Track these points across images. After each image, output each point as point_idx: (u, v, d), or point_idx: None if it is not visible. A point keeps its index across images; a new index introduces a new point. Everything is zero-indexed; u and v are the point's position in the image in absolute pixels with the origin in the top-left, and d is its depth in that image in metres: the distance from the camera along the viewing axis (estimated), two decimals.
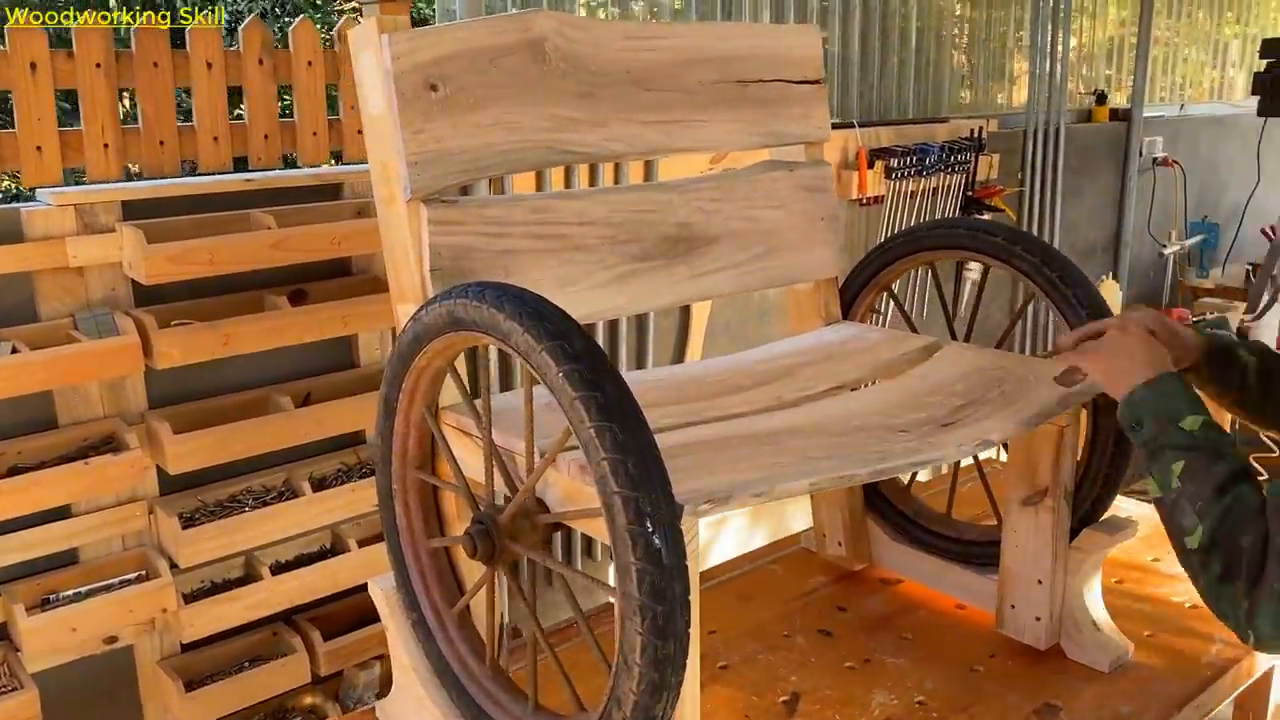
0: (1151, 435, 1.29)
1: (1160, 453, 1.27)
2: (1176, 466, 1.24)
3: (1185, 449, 1.24)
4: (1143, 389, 1.32)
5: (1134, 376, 1.34)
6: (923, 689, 1.68)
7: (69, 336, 2.04)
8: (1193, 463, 1.23)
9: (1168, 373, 1.32)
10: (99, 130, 2.09)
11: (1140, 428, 1.31)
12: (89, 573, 2.16)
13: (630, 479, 1.06)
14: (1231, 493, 1.19)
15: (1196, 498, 1.21)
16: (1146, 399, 1.31)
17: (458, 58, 1.46)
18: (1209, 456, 1.23)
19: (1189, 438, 1.25)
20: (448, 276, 1.45)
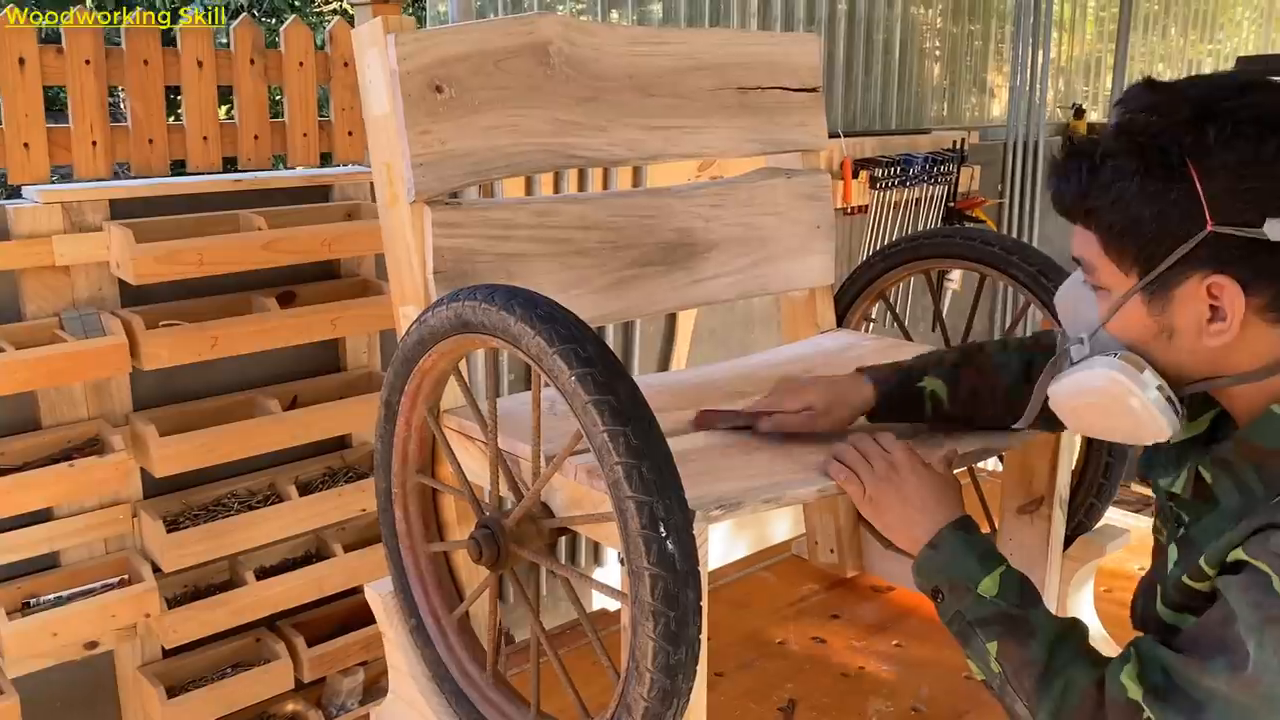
0: (954, 611, 1.12)
1: (969, 634, 1.10)
2: (991, 648, 1.08)
3: (992, 624, 1.08)
4: (927, 552, 1.15)
5: (910, 532, 1.18)
6: (917, 696, 1.68)
7: (54, 336, 2.01)
8: (1005, 644, 1.07)
9: (949, 524, 1.16)
10: (87, 128, 2.07)
11: (940, 599, 1.14)
12: (70, 577, 2.13)
13: (644, 484, 1.06)
14: (1059, 681, 1.03)
15: (1020, 689, 1.05)
16: (935, 562, 1.15)
17: (463, 59, 1.45)
18: (1019, 634, 1.06)
19: (992, 607, 1.09)
20: (450, 279, 1.44)
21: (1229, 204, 0.94)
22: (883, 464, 1.22)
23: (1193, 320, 0.99)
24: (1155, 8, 5.34)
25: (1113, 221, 1.00)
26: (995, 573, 1.12)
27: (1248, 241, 0.94)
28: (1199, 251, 0.96)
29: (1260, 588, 0.91)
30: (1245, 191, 0.94)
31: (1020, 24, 4.25)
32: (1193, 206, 0.95)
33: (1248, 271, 0.95)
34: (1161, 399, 1.02)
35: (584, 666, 1.67)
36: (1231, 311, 0.97)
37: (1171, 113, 0.96)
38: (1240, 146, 0.93)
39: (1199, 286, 0.98)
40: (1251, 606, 0.91)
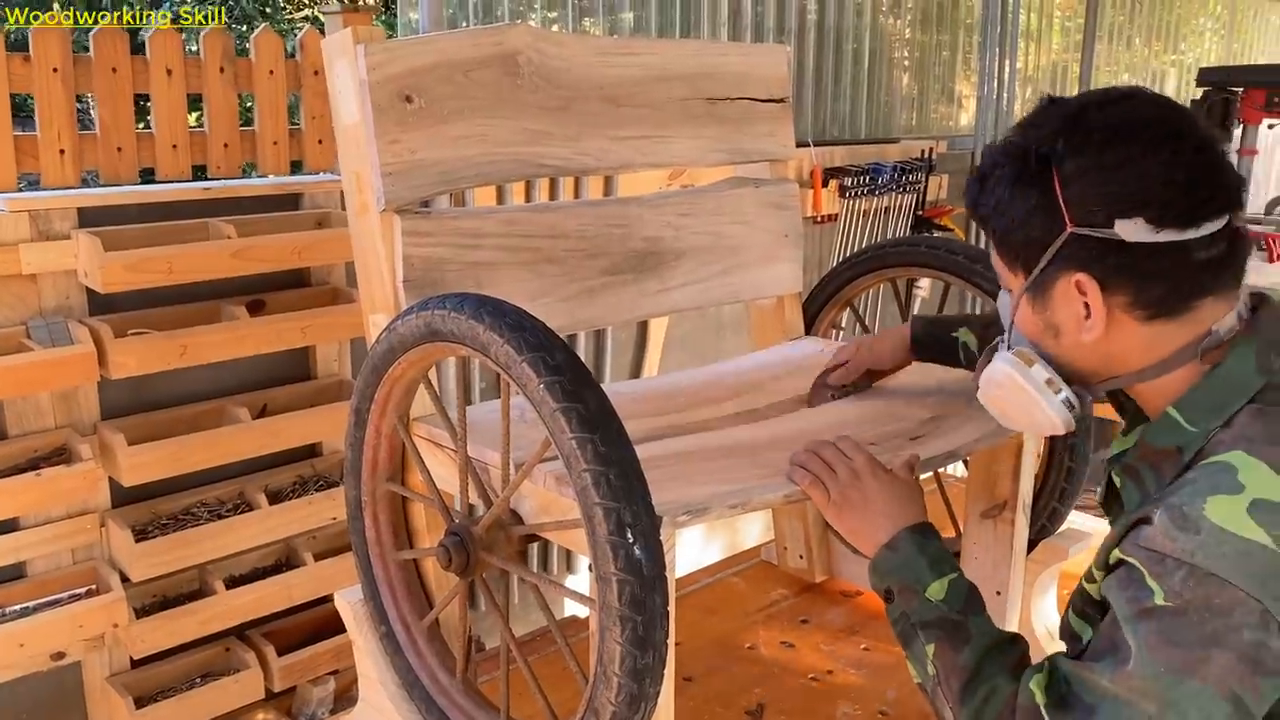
0: (900, 611, 1.15)
1: (911, 635, 1.13)
2: (929, 649, 1.10)
3: (933, 627, 1.11)
4: (884, 553, 1.18)
5: (872, 535, 1.20)
6: (885, 699, 1.70)
7: (21, 345, 2.00)
8: (941, 647, 1.09)
9: (907, 528, 1.18)
10: (55, 135, 2.06)
11: (891, 599, 1.17)
12: (38, 587, 2.11)
13: (612, 490, 1.07)
14: (981, 688, 1.05)
15: (949, 693, 1.08)
16: (889, 563, 1.17)
17: (433, 69, 1.47)
18: (955, 639, 1.09)
19: (934, 610, 1.11)
20: (420, 287, 1.45)
21: (1084, 207, 1.01)
22: (845, 470, 1.24)
23: (1071, 317, 1.06)
24: (1120, 18, 5.42)
25: (997, 227, 1.09)
26: (945, 579, 1.14)
27: (1102, 241, 1.00)
28: (1064, 252, 1.03)
29: (1134, 583, 0.95)
30: (1097, 195, 1.00)
31: (988, 34, 4.30)
32: (1054, 210, 1.02)
33: (1105, 270, 1.02)
34: (1050, 392, 1.10)
35: (554, 673, 1.68)
36: (1096, 306, 1.03)
37: (1043, 124, 1.04)
38: (1092, 154, 1.00)
39: (1069, 285, 1.04)
40: (1127, 602, 0.95)
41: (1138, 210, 0.99)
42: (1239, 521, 0.92)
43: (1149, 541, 0.95)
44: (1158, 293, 1.02)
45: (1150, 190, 0.99)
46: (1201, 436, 1.02)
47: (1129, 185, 1.00)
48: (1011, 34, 4.36)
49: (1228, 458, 0.97)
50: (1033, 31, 4.86)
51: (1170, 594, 0.92)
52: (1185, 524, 0.93)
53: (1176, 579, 0.92)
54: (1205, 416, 1.02)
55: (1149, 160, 0.99)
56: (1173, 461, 1.04)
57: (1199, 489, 0.95)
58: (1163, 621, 0.92)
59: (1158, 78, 5.86)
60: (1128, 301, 1.03)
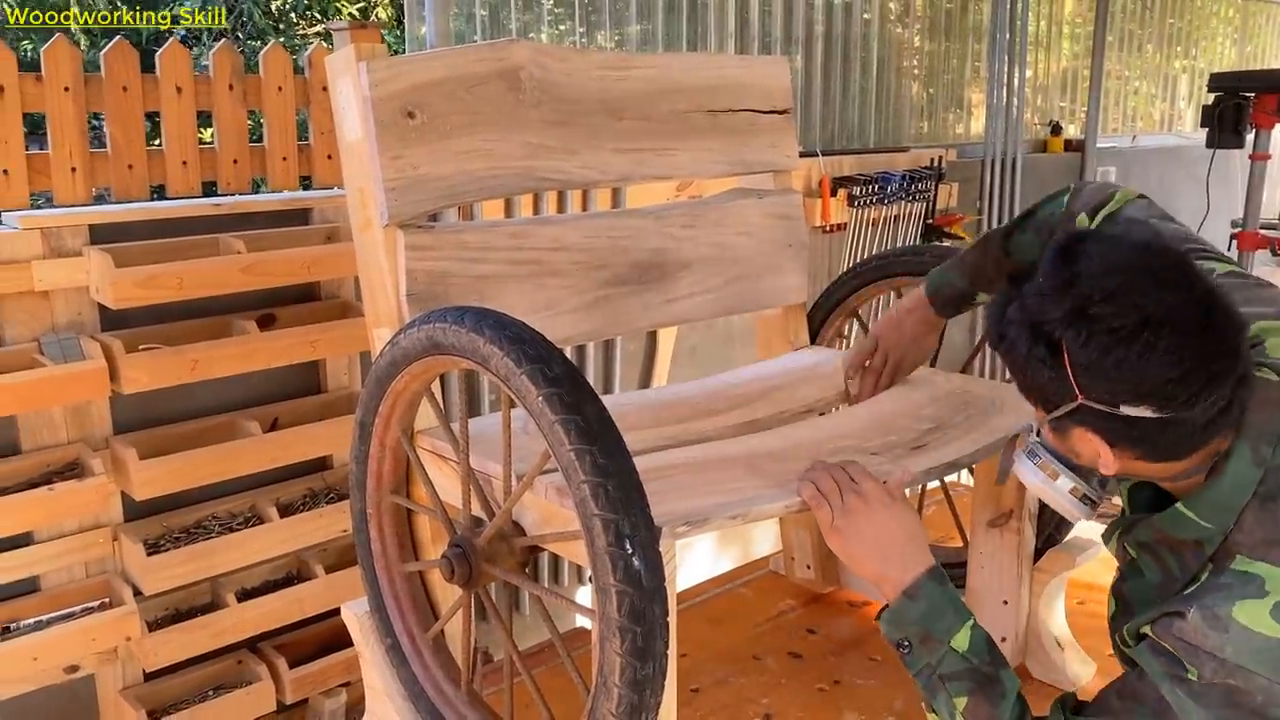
0: (924, 663, 1.18)
1: (937, 688, 1.17)
2: (959, 703, 1.16)
3: (963, 679, 1.16)
4: (906, 603, 1.20)
5: (886, 573, 1.22)
6: (892, 709, 1.70)
7: (34, 361, 2.02)
8: (976, 701, 1.15)
9: (927, 574, 1.21)
10: (67, 154, 2.08)
11: (908, 649, 1.20)
12: (51, 600, 2.13)
13: (610, 501, 1.08)
14: None
15: None
16: (912, 613, 1.19)
17: (435, 85, 1.48)
18: (991, 694, 1.15)
19: (963, 662, 1.16)
20: (424, 301, 1.46)
21: (1092, 387, 1.08)
22: (852, 496, 1.25)
23: (1087, 453, 1.15)
24: (1132, 25, 5.41)
25: (1015, 374, 1.16)
26: (967, 626, 1.18)
27: (1109, 414, 1.08)
28: (1077, 414, 1.11)
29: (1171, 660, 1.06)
30: (1103, 386, 1.07)
31: (997, 41, 4.30)
32: (1065, 382, 1.09)
33: (1114, 435, 1.10)
34: (1074, 498, 1.22)
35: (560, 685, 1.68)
36: (1105, 458, 1.12)
37: (1058, 302, 1.08)
38: (1095, 351, 1.06)
39: (1084, 434, 1.12)
40: (1164, 667, 1.07)
41: (1141, 401, 1.06)
42: (1264, 622, 1.03)
43: (1182, 634, 1.05)
44: (1164, 449, 1.10)
45: (1153, 386, 1.05)
46: (1219, 532, 1.11)
47: (1131, 382, 1.05)
48: (1021, 41, 4.36)
49: (1257, 570, 1.07)
50: (1042, 38, 4.85)
51: (1201, 678, 1.04)
52: (1216, 624, 1.04)
53: (1208, 669, 1.03)
54: (1217, 514, 1.11)
55: (1150, 360, 1.04)
56: (1193, 552, 1.13)
57: (1230, 595, 1.06)
58: (1197, 691, 1.04)
59: (1169, 83, 5.84)
60: (1136, 455, 1.11)
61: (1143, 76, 5.65)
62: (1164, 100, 5.86)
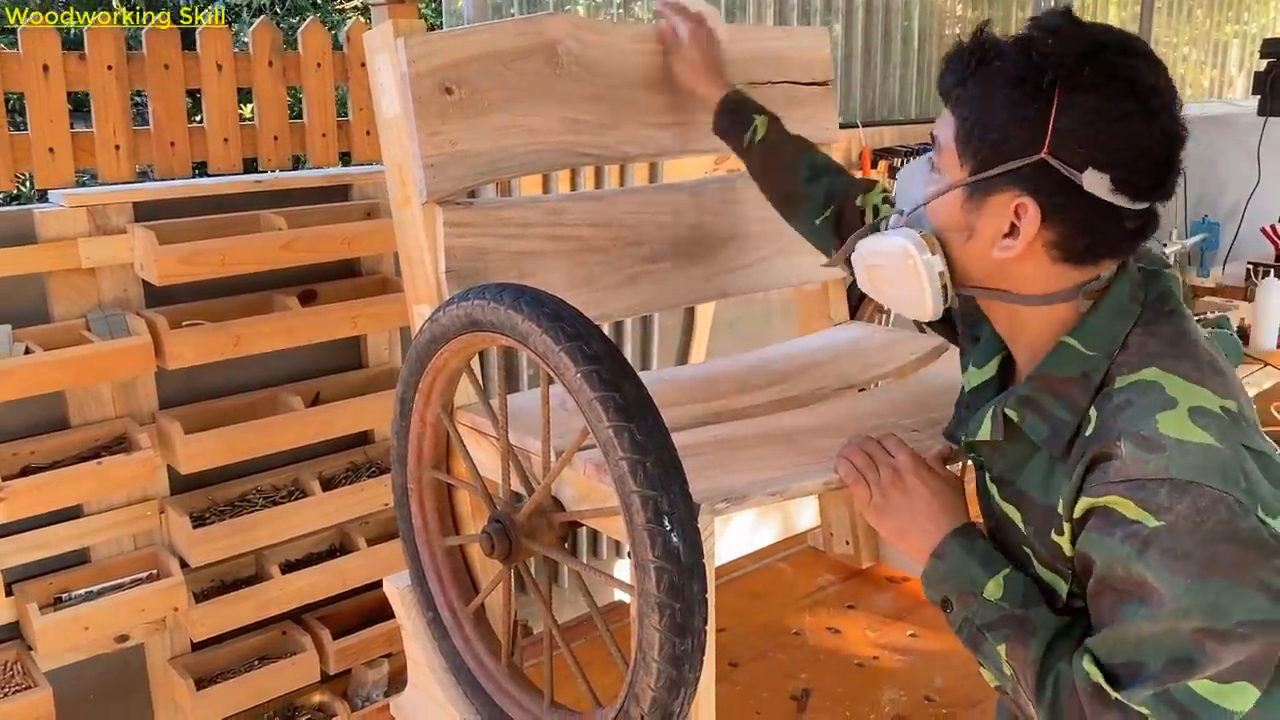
0: (962, 618, 1.14)
1: (980, 639, 1.13)
2: (1000, 650, 1.10)
3: (999, 627, 1.11)
4: (933, 562, 1.17)
5: (916, 541, 1.19)
6: (931, 685, 1.69)
7: (81, 337, 2.06)
8: (1012, 645, 1.09)
9: (950, 533, 1.17)
10: (110, 132, 2.11)
11: (949, 608, 1.16)
12: (100, 572, 2.17)
13: (649, 478, 1.08)
14: (1049, 679, 1.06)
15: (1026, 688, 1.09)
16: (940, 572, 1.17)
17: (473, 61, 1.48)
18: (1024, 633, 1.09)
19: (997, 610, 1.12)
20: (463, 278, 1.46)
21: (1068, 141, 1.01)
22: (888, 471, 1.23)
23: (991, 229, 1.07)
24: None
25: (971, 114, 1.06)
26: (999, 575, 1.14)
27: (1064, 180, 1.02)
28: (1025, 171, 1.03)
29: (1120, 522, 0.98)
30: (1085, 138, 1.01)
31: (1041, 8, 4.22)
32: (1039, 129, 1.02)
33: (1052, 206, 1.03)
34: (938, 284, 1.12)
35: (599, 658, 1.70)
36: (1024, 234, 1.05)
37: (1067, 43, 1.02)
38: (1100, 97, 1.00)
39: (1009, 203, 1.05)
40: (1123, 542, 0.97)
41: (1110, 168, 1.01)
42: (1189, 430, 0.98)
43: (1122, 473, 0.98)
44: (1082, 244, 1.06)
45: (1132, 155, 1.01)
46: (1104, 359, 1.06)
47: (1116, 142, 1.01)
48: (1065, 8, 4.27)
49: (1145, 375, 1.03)
50: (1087, 5, 4.75)
51: (1160, 513, 0.95)
52: (1150, 445, 0.97)
53: (1161, 496, 0.96)
54: (1102, 343, 1.07)
55: (1144, 126, 1.01)
56: (1078, 387, 1.07)
57: (1142, 409, 1.00)
58: (1163, 541, 0.95)
59: (1220, 49, 5.70)
60: (1052, 240, 1.06)
61: (1192, 43, 5.52)
62: (1214, 67, 5.73)
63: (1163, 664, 0.96)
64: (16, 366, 1.92)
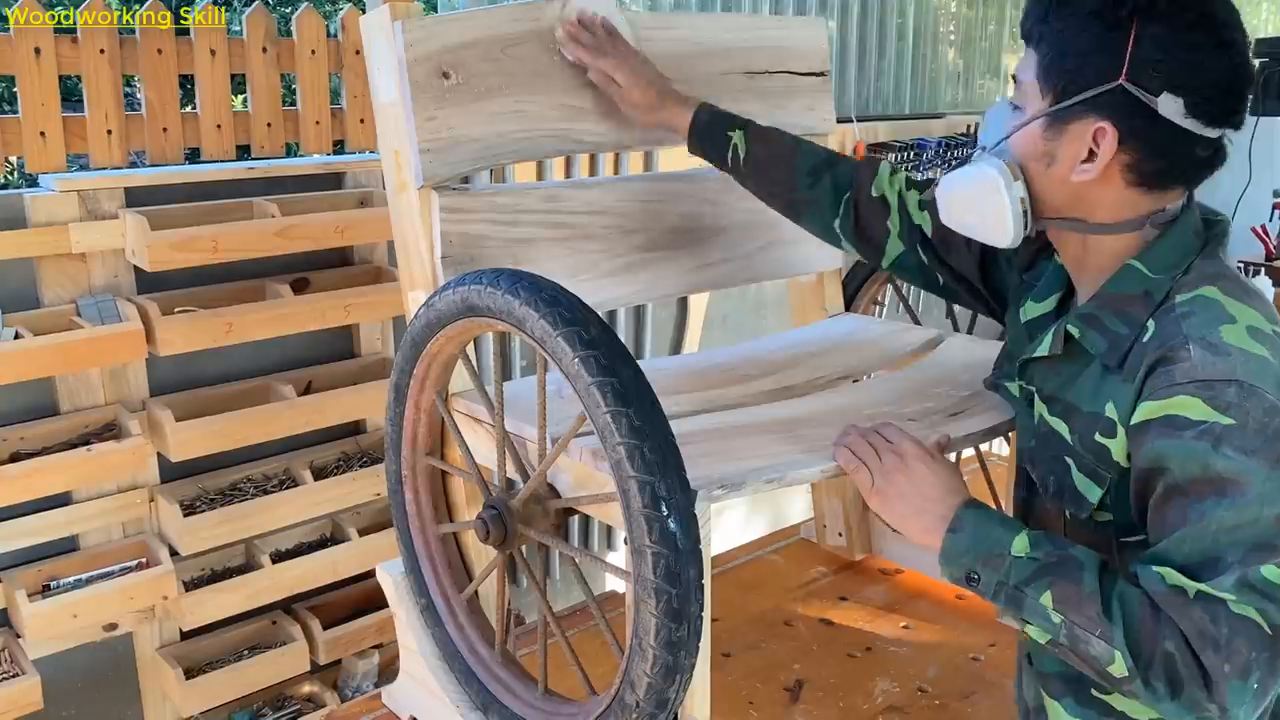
0: (996, 582, 1.10)
1: (1019, 596, 1.08)
2: (1046, 600, 1.06)
3: (1039, 577, 1.07)
4: (950, 537, 1.14)
5: (925, 524, 1.17)
6: (925, 676, 1.69)
7: (72, 323, 2.04)
8: (1060, 588, 1.06)
9: (963, 505, 1.16)
10: (103, 116, 2.09)
11: (977, 580, 1.12)
12: (90, 560, 2.16)
13: (646, 464, 1.07)
14: (1114, 601, 1.03)
15: (1089, 624, 1.03)
16: (960, 544, 1.14)
17: (470, 46, 1.47)
18: (1069, 573, 1.06)
19: (1031, 564, 1.08)
20: (458, 264, 1.46)
21: (1145, 67, 1.06)
22: (891, 457, 1.22)
23: (1070, 155, 1.12)
24: None
25: (1052, 48, 1.12)
26: (1023, 533, 1.11)
27: (1141, 104, 1.07)
28: (1104, 98, 1.08)
29: (1189, 424, 1.02)
30: (1161, 62, 1.06)
31: None
32: (1118, 56, 1.07)
33: (1128, 129, 1.08)
34: (1019, 209, 1.16)
35: (594, 648, 1.69)
36: (1103, 156, 1.10)
37: None
38: (1179, 25, 1.06)
39: (1088, 128, 1.10)
40: (1197, 438, 1.01)
41: (1185, 93, 1.06)
42: (1248, 343, 1.03)
43: (1191, 374, 1.02)
44: (1156, 167, 1.11)
45: (1205, 81, 1.06)
46: (1166, 281, 1.12)
47: (1192, 68, 1.06)
48: None
49: (1205, 292, 1.08)
50: None
51: (1230, 410, 1.00)
52: (1218, 350, 1.02)
53: (1230, 394, 1.00)
54: (1166, 267, 1.12)
55: (1217, 54, 1.06)
56: (1140, 304, 1.12)
57: (1207, 320, 1.06)
58: (1234, 438, 1.00)
59: None
60: (1128, 163, 1.11)
61: None
62: None
63: (1243, 551, 0.99)
64: (6, 352, 1.91)
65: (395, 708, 1.64)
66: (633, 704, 1.15)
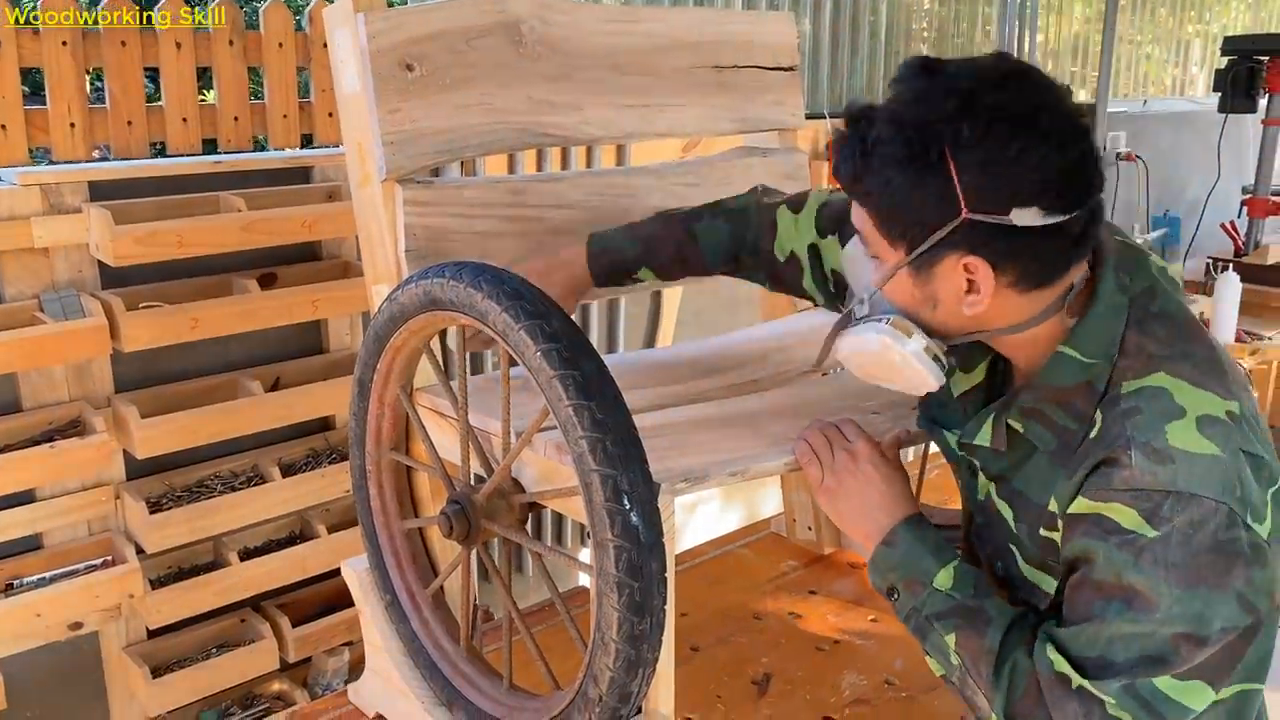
0: (911, 607, 1.14)
1: (928, 628, 1.13)
2: (949, 640, 1.11)
3: (949, 616, 1.11)
4: (883, 550, 1.17)
5: (868, 529, 1.19)
6: (892, 669, 1.70)
7: (34, 318, 2.02)
8: (964, 635, 1.10)
9: (902, 521, 1.17)
10: (65, 109, 2.07)
11: (896, 596, 1.16)
12: (54, 558, 2.14)
13: (608, 457, 1.07)
14: (1006, 667, 1.07)
15: (979, 680, 1.09)
16: (890, 560, 1.16)
17: (434, 38, 1.46)
18: (976, 624, 1.10)
19: (947, 600, 1.12)
20: (423, 258, 1.45)
21: (981, 194, 1.00)
22: (843, 455, 1.23)
23: (952, 292, 1.07)
24: None
25: (881, 204, 1.07)
26: (950, 566, 1.14)
27: (996, 227, 1.01)
28: (955, 235, 1.03)
29: (1117, 529, 1.00)
30: (995, 183, 1.00)
31: (1008, 5, 4.24)
32: (949, 195, 1.01)
33: (997, 254, 1.03)
34: (927, 357, 1.11)
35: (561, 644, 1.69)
36: (985, 288, 1.05)
37: (936, 104, 1.01)
38: (991, 143, 0.99)
39: (956, 265, 1.05)
40: (1119, 548, 1.00)
41: (1034, 200, 1.00)
42: (1196, 441, 0.99)
43: (1129, 482, 1.00)
44: (1039, 269, 1.05)
45: (1047, 181, 1.00)
46: (1106, 364, 1.06)
47: (1029, 176, 1.00)
48: (1032, 5, 4.30)
49: (1152, 381, 1.03)
50: (1054, 2, 4.79)
51: (1158, 524, 0.98)
52: (1160, 457, 0.99)
53: (1165, 508, 0.98)
54: (1100, 345, 1.07)
55: (1045, 151, 0.99)
56: (1084, 395, 1.07)
57: (1152, 419, 1.01)
58: (1156, 552, 0.98)
59: (1182, 47, 5.77)
60: (1012, 280, 1.05)
61: (1155, 41, 5.58)
62: (1176, 65, 5.79)
63: (1134, 661, 0.99)
64: None
65: (361, 705, 1.63)
66: (596, 698, 1.14)
